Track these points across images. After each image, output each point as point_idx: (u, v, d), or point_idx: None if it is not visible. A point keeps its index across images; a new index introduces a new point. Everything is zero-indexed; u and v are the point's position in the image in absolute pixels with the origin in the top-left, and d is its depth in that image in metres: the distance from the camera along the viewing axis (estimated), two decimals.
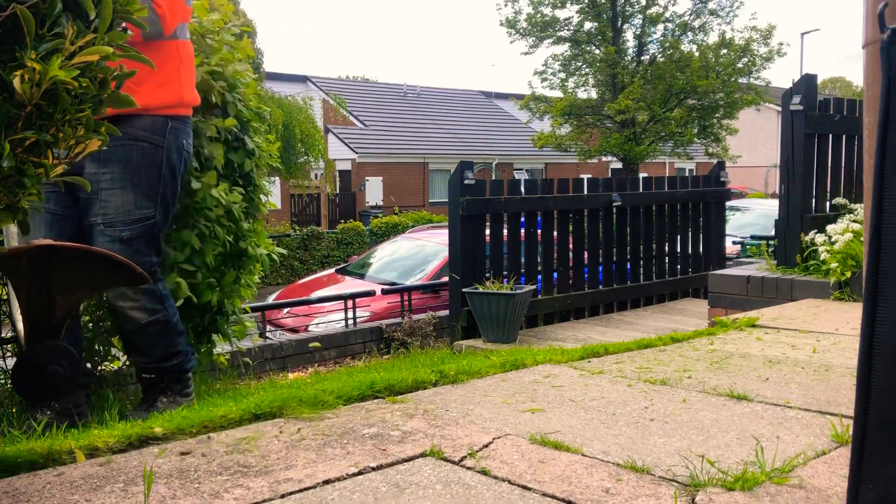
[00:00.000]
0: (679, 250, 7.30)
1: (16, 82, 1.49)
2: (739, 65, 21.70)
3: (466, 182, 5.58)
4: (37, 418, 2.51)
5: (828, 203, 5.32)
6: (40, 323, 1.95)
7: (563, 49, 23.31)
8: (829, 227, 4.68)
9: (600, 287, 6.55)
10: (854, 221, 4.67)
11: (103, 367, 3.46)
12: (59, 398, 2.36)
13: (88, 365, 3.40)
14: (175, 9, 2.58)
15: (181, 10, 2.63)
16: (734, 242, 9.17)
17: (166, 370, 2.78)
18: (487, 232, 5.82)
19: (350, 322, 7.53)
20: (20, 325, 2.21)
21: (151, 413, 2.55)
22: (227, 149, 3.26)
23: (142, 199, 2.60)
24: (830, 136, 5.31)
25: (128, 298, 2.65)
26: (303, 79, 28.54)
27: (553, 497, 1.55)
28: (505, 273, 5.78)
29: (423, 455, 1.80)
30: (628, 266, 6.83)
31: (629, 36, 23.18)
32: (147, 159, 2.58)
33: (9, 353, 3.36)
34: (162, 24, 2.53)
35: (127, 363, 3.55)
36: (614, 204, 6.55)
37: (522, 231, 6.00)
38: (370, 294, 8.11)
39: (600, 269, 6.59)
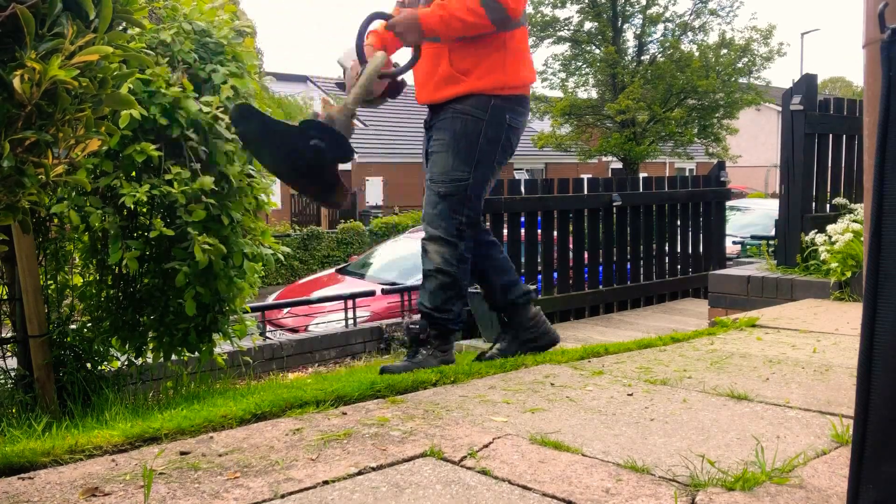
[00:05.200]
0: (679, 250, 7.29)
1: (16, 82, 1.49)
2: (739, 65, 21.70)
3: None
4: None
5: (828, 203, 5.32)
6: None
7: (563, 49, 23.34)
8: (830, 227, 4.68)
9: (600, 287, 6.55)
10: (854, 221, 4.67)
11: (103, 368, 3.46)
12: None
13: (88, 365, 3.41)
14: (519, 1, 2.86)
15: (524, 1, 2.92)
16: (734, 242, 9.16)
17: (436, 321, 2.98)
18: None
19: (350, 322, 7.53)
20: None
21: (412, 363, 2.90)
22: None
23: (458, 163, 2.93)
24: (830, 136, 5.31)
25: (437, 244, 2.95)
26: (303, 79, 28.52)
27: (553, 497, 1.55)
28: None
29: (423, 455, 1.80)
30: (628, 266, 6.82)
31: (629, 36, 23.19)
32: (467, 130, 2.92)
33: (9, 354, 3.36)
34: (509, 13, 2.81)
35: (126, 363, 3.55)
36: (614, 204, 6.55)
37: (522, 231, 6.00)
38: (370, 294, 8.10)
39: (600, 269, 6.59)
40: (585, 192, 6.38)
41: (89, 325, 3.42)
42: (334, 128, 2.53)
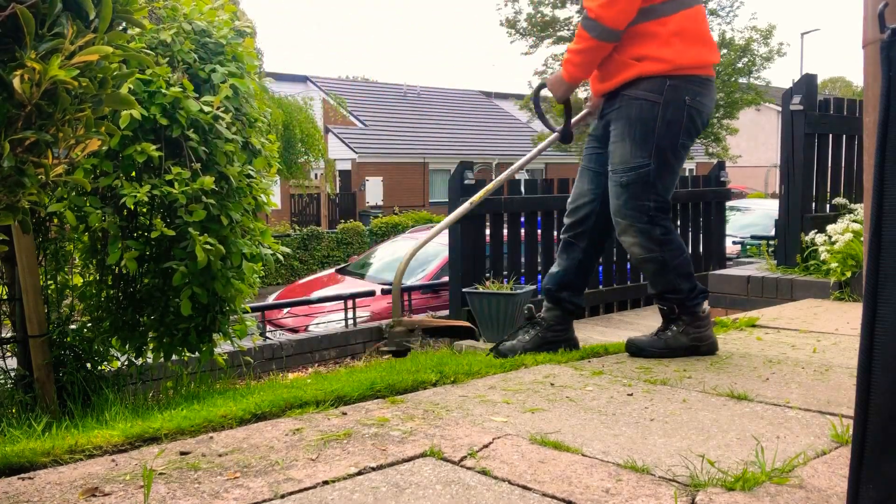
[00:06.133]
0: None
1: (16, 82, 1.49)
2: (739, 65, 21.70)
3: (466, 182, 5.57)
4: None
5: (828, 203, 5.32)
6: None
7: (563, 49, 23.32)
8: (830, 227, 4.68)
9: (600, 287, 6.55)
10: (854, 221, 4.67)
11: (103, 368, 3.46)
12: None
13: (88, 365, 3.41)
14: (611, 5, 2.78)
15: (623, 2, 2.79)
16: (734, 242, 9.16)
17: (670, 301, 2.97)
18: (487, 232, 5.81)
19: (350, 322, 7.53)
20: None
21: (660, 338, 2.95)
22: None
23: (637, 150, 2.89)
24: (830, 136, 5.31)
25: (629, 235, 2.93)
26: (303, 79, 28.54)
27: (553, 497, 1.55)
28: (505, 273, 5.77)
29: (423, 455, 1.80)
30: (628, 266, 6.82)
31: None
32: (643, 115, 2.88)
33: (9, 354, 3.36)
34: (604, 24, 2.81)
35: (126, 363, 3.55)
36: None
37: (522, 231, 6.00)
38: (370, 294, 8.11)
39: (600, 268, 6.59)
40: None
41: (89, 325, 3.42)
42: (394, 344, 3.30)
